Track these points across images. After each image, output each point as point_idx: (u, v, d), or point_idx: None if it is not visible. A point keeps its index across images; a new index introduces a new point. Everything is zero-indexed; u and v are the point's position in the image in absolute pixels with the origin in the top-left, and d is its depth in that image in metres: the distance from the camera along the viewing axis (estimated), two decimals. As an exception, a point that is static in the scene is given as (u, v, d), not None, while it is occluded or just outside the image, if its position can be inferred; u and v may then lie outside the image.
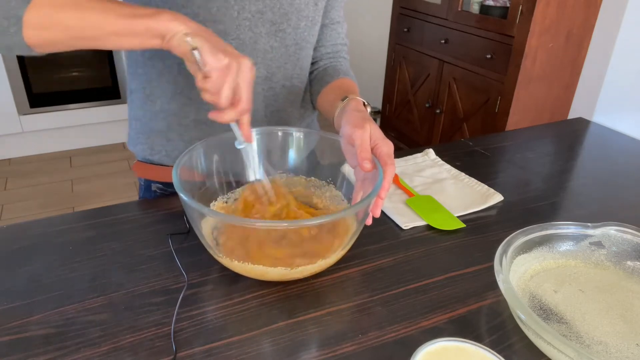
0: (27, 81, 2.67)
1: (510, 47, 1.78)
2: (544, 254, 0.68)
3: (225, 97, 0.60)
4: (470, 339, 0.46)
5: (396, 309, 0.61)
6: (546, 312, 0.60)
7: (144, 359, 0.52)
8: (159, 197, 0.89)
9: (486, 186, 0.89)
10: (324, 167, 0.78)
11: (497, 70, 1.86)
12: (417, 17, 2.27)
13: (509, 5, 1.78)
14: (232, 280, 0.64)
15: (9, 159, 2.87)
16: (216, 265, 0.67)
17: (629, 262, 0.67)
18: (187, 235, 0.73)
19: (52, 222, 0.76)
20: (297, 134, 0.77)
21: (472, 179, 0.92)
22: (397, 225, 0.78)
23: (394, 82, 2.53)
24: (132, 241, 0.71)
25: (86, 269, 0.65)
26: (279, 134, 0.76)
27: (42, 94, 2.75)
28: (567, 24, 1.73)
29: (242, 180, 0.77)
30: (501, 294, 0.57)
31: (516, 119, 1.85)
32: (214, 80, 0.58)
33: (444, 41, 2.12)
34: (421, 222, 0.78)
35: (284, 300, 0.62)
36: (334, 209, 0.75)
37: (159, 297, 0.61)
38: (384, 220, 0.79)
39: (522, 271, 0.66)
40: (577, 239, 0.68)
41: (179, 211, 0.78)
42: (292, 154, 0.79)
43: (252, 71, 0.61)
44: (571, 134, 1.22)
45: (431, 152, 1.02)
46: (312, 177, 0.79)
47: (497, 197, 0.86)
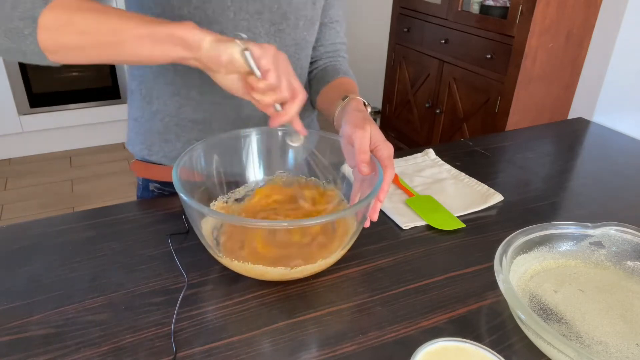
0: (27, 81, 2.67)
1: (510, 47, 1.78)
2: (544, 254, 0.68)
3: (285, 88, 0.58)
4: (470, 339, 0.46)
5: (396, 309, 0.61)
6: (546, 312, 0.60)
7: (144, 359, 0.52)
8: (157, 197, 0.90)
9: (486, 186, 0.89)
10: (324, 167, 0.78)
11: (497, 70, 1.86)
12: (417, 17, 2.27)
13: (509, 5, 1.78)
14: (232, 280, 0.64)
15: (9, 159, 2.87)
16: (216, 265, 0.67)
17: (629, 262, 0.67)
18: (186, 235, 0.73)
19: (52, 222, 0.76)
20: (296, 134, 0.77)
21: (472, 179, 0.92)
22: (397, 225, 0.78)
23: (394, 82, 2.53)
24: (132, 241, 0.71)
25: (86, 269, 0.65)
26: (279, 134, 0.76)
27: (42, 94, 2.75)
28: (567, 24, 1.73)
29: (241, 180, 0.77)
30: (501, 294, 0.57)
31: (516, 119, 1.85)
32: (272, 74, 0.57)
33: (444, 41, 2.12)
34: (421, 222, 0.78)
35: (284, 300, 0.62)
36: (333, 209, 0.75)
37: (159, 297, 0.61)
38: (383, 220, 0.79)
39: (522, 271, 0.66)
40: (577, 239, 0.68)
41: (178, 211, 0.78)
42: (291, 154, 0.79)
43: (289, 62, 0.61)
44: (571, 134, 1.22)
45: (431, 152, 1.02)
46: (312, 177, 0.79)
47: (497, 197, 0.86)
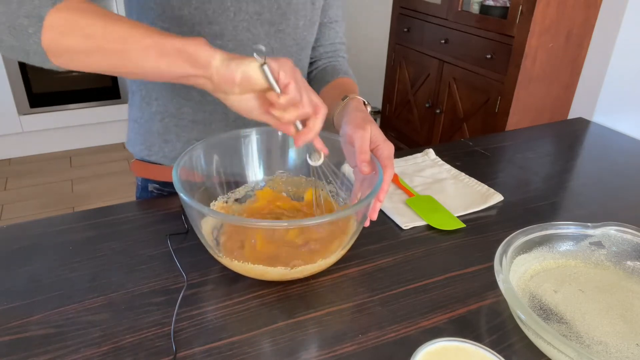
0: (27, 81, 2.67)
1: (510, 47, 1.78)
2: (544, 254, 0.68)
3: (308, 102, 0.56)
4: (470, 339, 0.46)
5: (396, 309, 0.61)
6: (546, 312, 0.60)
7: (144, 359, 0.52)
8: (156, 197, 0.89)
9: (486, 186, 0.89)
10: (324, 167, 0.78)
11: (497, 70, 1.86)
12: (417, 17, 2.26)
13: (509, 5, 1.78)
14: (232, 280, 0.64)
15: (9, 159, 2.87)
16: (216, 265, 0.67)
17: (629, 262, 0.67)
18: (185, 235, 0.73)
19: (52, 222, 0.76)
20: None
21: (472, 179, 0.92)
22: (397, 225, 0.78)
23: (394, 82, 2.53)
24: (132, 241, 0.71)
25: (86, 269, 0.65)
26: (279, 133, 0.76)
27: (42, 94, 2.75)
28: (567, 24, 1.72)
29: (241, 180, 0.77)
30: (501, 294, 0.57)
31: (516, 119, 1.85)
32: (292, 89, 0.54)
33: (444, 41, 2.12)
34: (421, 222, 0.78)
35: (284, 300, 0.62)
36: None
37: (159, 297, 0.61)
38: (383, 220, 0.79)
39: (522, 271, 0.66)
40: (577, 239, 0.68)
41: (178, 211, 0.78)
42: (292, 154, 0.79)
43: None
44: (571, 134, 1.22)
45: (431, 152, 1.02)
46: (312, 177, 0.79)
47: (497, 197, 0.86)
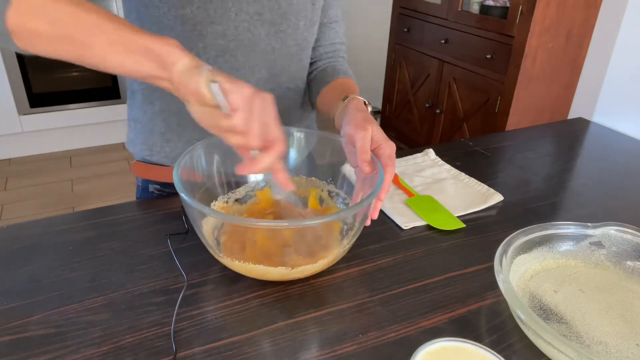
0: (27, 81, 2.67)
1: (510, 47, 1.78)
2: (544, 254, 0.68)
3: (256, 135, 0.52)
4: (470, 339, 0.46)
5: (396, 309, 0.61)
6: (546, 312, 0.60)
7: (144, 359, 0.52)
8: (156, 197, 0.89)
9: (486, 186, 0.89)
10: (324, 167, 0.78)
11: (497, 70, 1.86)
12: (417, 17, 2.27)
13: (509, 5, 1.78)
14: (232, 280, 0.64)
15: (9, 159, 2.87)
16: (216, 265, 0.67)
17: (629, 262, 0.67)
18: (186, 235, 0.73)
19: (52, 222, 0.76)
20: (297, 134, 0.77)
21: (472, 179, 0.92)
22: (397, 225, 0.78)
23: (394, 82, 2.53)
24: (132, 241, 0.71)
25: (86, 269, 0.65)
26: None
27: (42, 94, 2.74)
28: (567, 24, 1.73)
29: (242, 180, 0.77)
30: (501, 294, 0.57)
31: (516, 119, 1.85)
32: (240, 115, 0.51)
33: (444, 41, 2.12)
34: (421, 222, 0.78)
35: (284, 300, 0.62)
36: (334, 209, 0.75)
37: (159, 297, 0.61)
38: (383, 220, 0.79)
39: (522, 271, 0.66)
40: (577, 239, 0.68)
41: (178, 211, 0.78)
42: (292, 154, 0.79)
43: (275, 107, 0.55)
44: (571, 134, 1.22)
45: (431, 152, 1.02)
46: (312, 177, 0.79)
47: (497, 197, 0.86)
